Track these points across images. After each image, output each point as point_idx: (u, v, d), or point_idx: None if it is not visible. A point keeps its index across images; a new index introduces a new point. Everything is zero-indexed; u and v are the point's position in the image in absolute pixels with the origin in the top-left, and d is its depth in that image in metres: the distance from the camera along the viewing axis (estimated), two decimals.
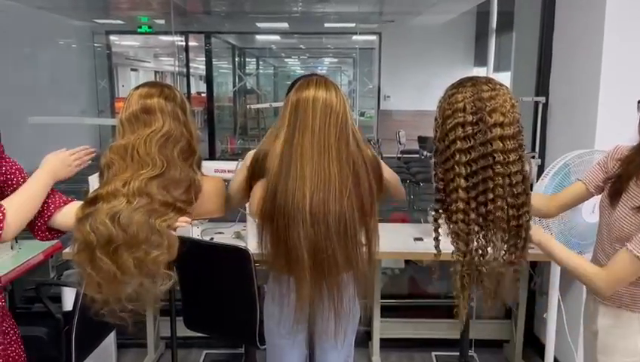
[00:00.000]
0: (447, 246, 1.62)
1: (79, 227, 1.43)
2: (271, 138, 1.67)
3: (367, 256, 1.67)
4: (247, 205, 2.20)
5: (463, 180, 1.52)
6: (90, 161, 1.74)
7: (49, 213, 1.56)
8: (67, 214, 1.55)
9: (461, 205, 1.52)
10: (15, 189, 1.53)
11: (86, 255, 1.41)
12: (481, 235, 1.55)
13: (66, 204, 1.59)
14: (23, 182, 1.56)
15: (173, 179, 1.53)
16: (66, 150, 1.68)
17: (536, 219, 2.09)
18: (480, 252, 1.55)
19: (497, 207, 1.50)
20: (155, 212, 1.45)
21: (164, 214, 1.47)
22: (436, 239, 1.63)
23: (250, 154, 1.75)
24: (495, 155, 1.50)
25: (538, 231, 1.71)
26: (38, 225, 1.56)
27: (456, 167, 1.53)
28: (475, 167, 1.51)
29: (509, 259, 1.56)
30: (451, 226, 1.56)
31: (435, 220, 1.62)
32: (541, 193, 2.14)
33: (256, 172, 1.69)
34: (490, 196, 1.50)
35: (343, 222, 1.57)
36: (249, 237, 2.71)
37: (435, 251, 1.65)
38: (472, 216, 1.52)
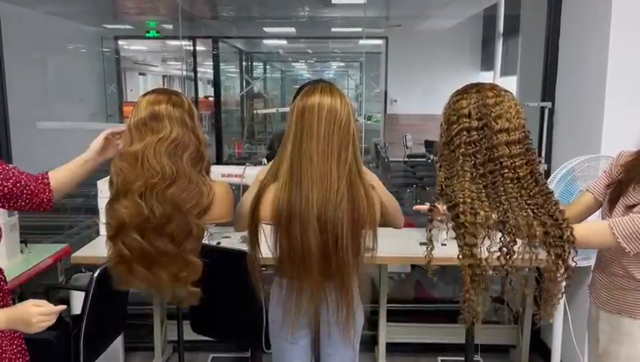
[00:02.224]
0: (450, 250, 1.62)
1: (114, 242, 1.58)
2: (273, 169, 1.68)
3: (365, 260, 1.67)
4: None
5: (467, 183, 1.52)
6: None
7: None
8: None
9: (468, 206, 1.51)
10: (14, 182, 1.52)
11: (123, 267, 1.59)
12: (504, 236, 1.53)
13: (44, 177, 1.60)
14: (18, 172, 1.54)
15: (185, 186, 1.56)
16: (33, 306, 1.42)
17: None
18: (505, 251, 1.53)
19: (514, 209, 1.49)
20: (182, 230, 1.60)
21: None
22: (429, 230, 1.64)
23: (261, 170, 1.74)
24: (502, 160, 1.51)
25: None
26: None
27: (460, 169, 1.53)
28: (483, 170, 1.52)
29: (554, 251, 1.53)
30: (458, 229, 1.54)
31: (430, 210, 1.63)
32: None
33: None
34: (504, 197, 1.50)
35: (341, 227, 1.58)
36: None
37: (437, 254, 1.65)
38: (493, 215, 1.51)
